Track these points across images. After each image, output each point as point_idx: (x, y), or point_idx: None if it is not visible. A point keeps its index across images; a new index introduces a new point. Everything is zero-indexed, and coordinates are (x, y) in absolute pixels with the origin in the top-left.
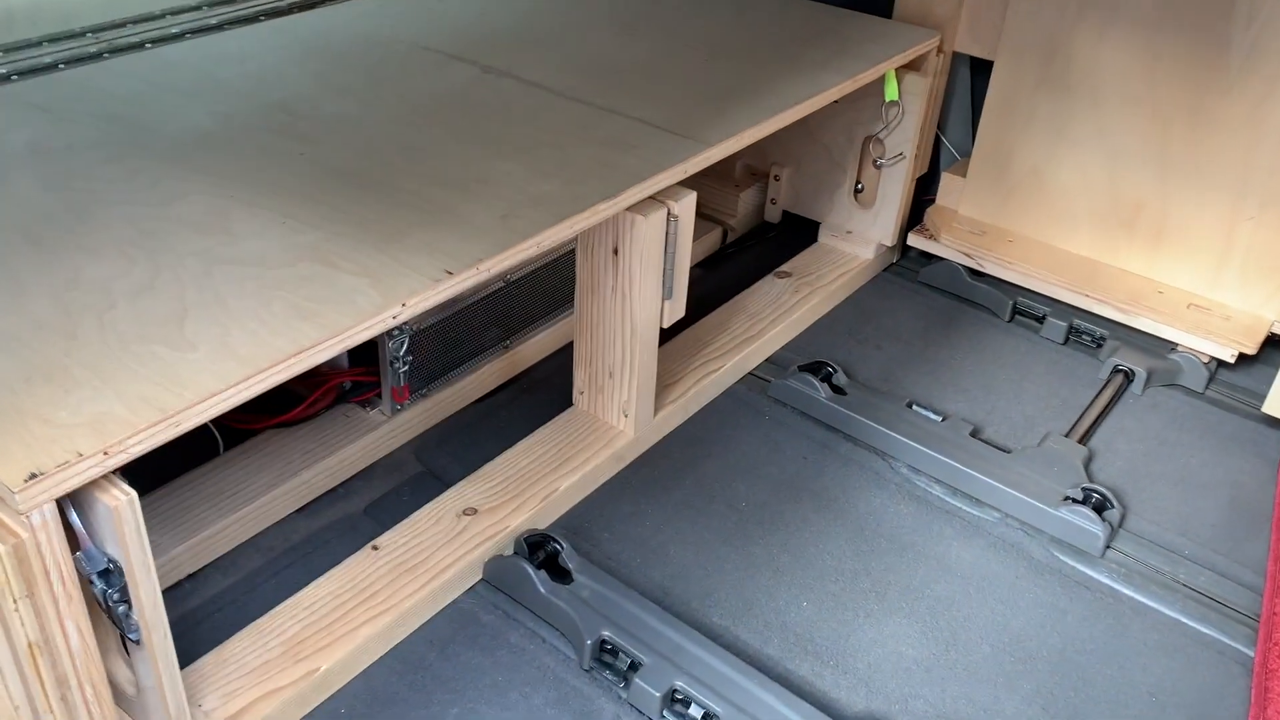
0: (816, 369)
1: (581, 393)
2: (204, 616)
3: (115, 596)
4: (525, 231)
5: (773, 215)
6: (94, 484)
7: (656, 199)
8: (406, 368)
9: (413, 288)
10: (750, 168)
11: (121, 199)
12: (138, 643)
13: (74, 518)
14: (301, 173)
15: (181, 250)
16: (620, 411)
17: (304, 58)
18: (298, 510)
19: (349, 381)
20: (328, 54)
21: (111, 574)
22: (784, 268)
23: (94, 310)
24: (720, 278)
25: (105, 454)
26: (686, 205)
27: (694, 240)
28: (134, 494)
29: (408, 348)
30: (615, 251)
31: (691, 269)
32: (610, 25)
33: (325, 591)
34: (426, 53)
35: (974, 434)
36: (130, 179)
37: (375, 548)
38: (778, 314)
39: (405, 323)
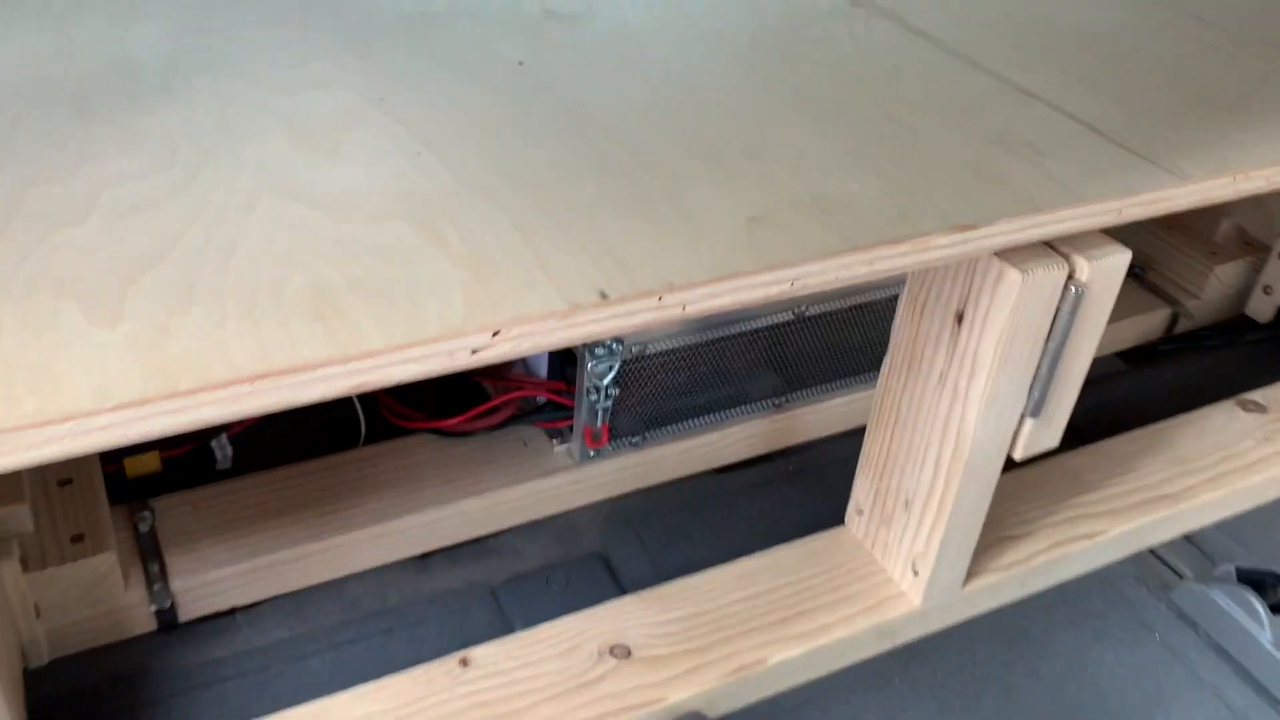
0: (1264, 583)
1: (861, 513)
2: (224, 675)
3: None
4: (773, 255)
5: (1261, 311)
6: None
7: (1053, 247)
8: (610, 403)
9: (521, 308)
10: (1243, 231)
11: (241, 73)
12: None
13: None
14: (500, 91)
15: (249, 159)
16: (908, 564)
17: None
18: (414, 557)
19: (544, 395)
20: None
21: None
22: (1254, 395)
23: (41, 227)
24: (1147, 383)
25: None
26: (1107, 269)
27: (1117, 320)
28: None
29: (615, 376)
30: (959, 319)
31: (1106, 358)
32: None
33: (362, 713)
34: None
35: None
36: (273, 50)
37: (464, 663)
38: (1226, 468)
39: (617, 339)
